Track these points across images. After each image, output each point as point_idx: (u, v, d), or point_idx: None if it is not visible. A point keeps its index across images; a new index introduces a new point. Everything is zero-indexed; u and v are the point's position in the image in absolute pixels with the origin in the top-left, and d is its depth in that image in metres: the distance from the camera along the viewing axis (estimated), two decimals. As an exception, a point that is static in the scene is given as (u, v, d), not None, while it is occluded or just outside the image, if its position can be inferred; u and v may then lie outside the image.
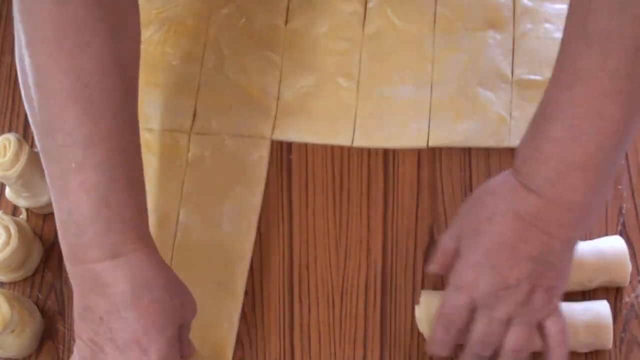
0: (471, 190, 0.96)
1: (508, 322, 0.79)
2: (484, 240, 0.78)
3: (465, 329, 0.81)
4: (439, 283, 0.92)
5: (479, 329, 0.80)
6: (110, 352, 0.76)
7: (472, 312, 0.80)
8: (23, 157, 0.88)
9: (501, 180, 0.80)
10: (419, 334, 0.90)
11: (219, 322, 0.91)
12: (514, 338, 0.80)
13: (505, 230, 0.77)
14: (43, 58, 0.76)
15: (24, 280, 0.93)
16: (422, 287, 0.92)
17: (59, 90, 0.75)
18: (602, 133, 0.74)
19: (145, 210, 0.80)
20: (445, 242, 0.83)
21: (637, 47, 0.72)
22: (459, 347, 0.89)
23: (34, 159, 0.89)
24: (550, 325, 0.80)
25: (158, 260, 0.79)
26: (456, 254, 0.81)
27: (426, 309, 0.87)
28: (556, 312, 0.81)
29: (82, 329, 0.78)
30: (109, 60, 0.77)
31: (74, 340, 0.90)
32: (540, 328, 0.80)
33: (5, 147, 0.88)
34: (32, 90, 0.77)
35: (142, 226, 0.79)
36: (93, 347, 0.77)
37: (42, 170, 0.90)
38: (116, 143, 0.77)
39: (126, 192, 0.77)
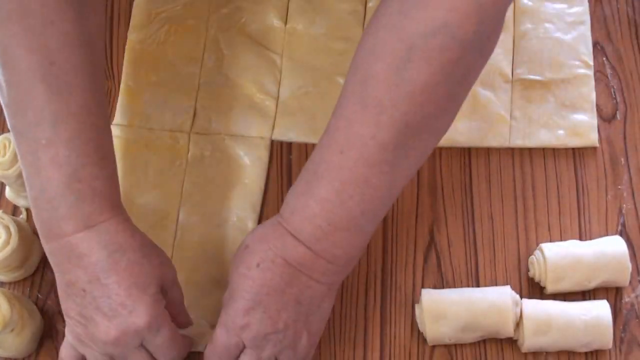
0: (471, 190, 0.96)
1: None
2: (254, 284, 0.79)
3: None
4: (439, 282, 0.92)
5: None
6: (99, 320, 0.77)
7: (240, 351, 0.81)
8: (23, 157, 0.88)
9: (271, 229, 0.81)
10: (419, 334, 0.90)
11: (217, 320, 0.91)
12: None
13: (274, 275, 0.79)
14: (8, 38, 0.77)
15: (24, 279, 0.93)
16: (422, 287, 0.91)
17: (26, 69, 0.76)
18: (367, 199, 0.78)
19: (117, 182, 0.82)
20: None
21: (406, 122, 0.75)
22: (458, 347, 0.89)
23: (33, 158, 0.89)
24: None
25: (131, 226, 0.80)
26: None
27: (426, 308, 0.87)
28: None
29: (69, 307, 0.79)
30: (74, 37, 0.78)
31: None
32: None
33: (4, 147, 0.88)
34: (0, 71, 0.78)
35: (114, 197, 0.80)
36: (82, 321, 0.78)
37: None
38: (85, 118, 0.78)
39: (97, 166, 0.78)
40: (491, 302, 0.87)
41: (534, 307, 0.87)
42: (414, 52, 0.73)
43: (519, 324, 0.87)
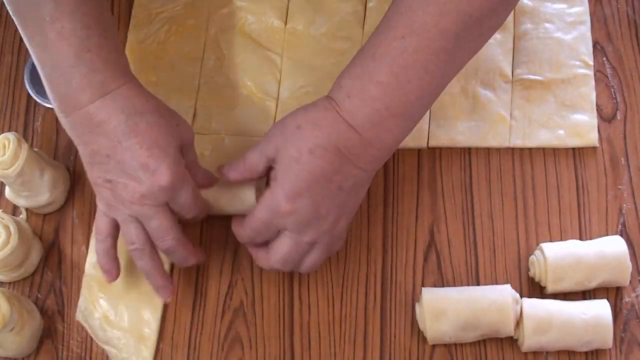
0: (471, 190, 0.96)
1: (312, 245, 0.84)
2: (304, 170, 0.80)
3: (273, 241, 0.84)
4: (439, 282, 0.92)
5: (285, 249, 0.84)
6: (125, 182, 0.81)
7: (278, 231, 0.83)
8: (22, 156, 0.88)
9: (323, 113, 0.81)
10: (419, 334, 0.90)
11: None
12: (312, 260, 0.85)
13: (325, 163, 0.80)
14: None
15: (24, 279, 0.93)
16: (422, 286, 0.91)
17: None
18: (424, 85, 0.80)
19: (124, 53, 0.85)
20: (255, 162, 0.84)
21: (470, 13, 0.77)
22: (458, 347, 0.89)
23: (33, 157, 0.89)
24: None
25: (144, 91, 0.84)
26: (265, 172, 0.84)
27: (427, 306, 0.87)
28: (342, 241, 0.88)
29: (95, 175, 0.82)
30: None
31: (73, 340, 0.90)
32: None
33: (4, 146, 0.88)
34: None
35: (124, 65, 0.84)
36: (109, 185, 0.81)
37: (41, 170, 0.91)
38: None
39: (102, 36, 0.82)
40: (491, 300, 0.87)
41: (534, 306, 0.87)
42: None
43: (519, 323, 0.87)
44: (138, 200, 0.81)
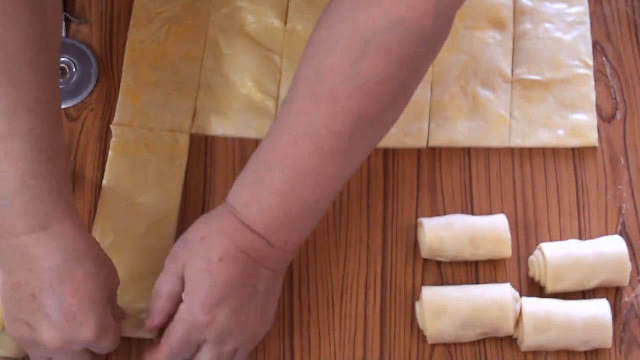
0: (471, 190, 0.96)
1: (234, 353, 0.82)
2: (217, 280, 0.79)
3: None
4: (439, 282, 0.92)
5: None
6: (46, 328, 0.76)
7: (199, 346, 0.81)
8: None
9: (225, 221, 0.80)
10: (419, 334, 0.90)
11: None
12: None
13: (237, 269, 0.79)
14: None
15: (24, 280, 0.93)
16: (422, 286, 0.91)
17: None
18: (322, 188, 0.79)
19: (70, 183, 0.81)
20: (170, 288, 0.81)
21: (361, 114, 0.77)
22: (458, 347, 0.89)
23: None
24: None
25: (86, 233, 0.80)
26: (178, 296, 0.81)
27: (427, 303, 0.87)
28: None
29: (12, 312, 0.78)
30: (33, 31, 0.77)
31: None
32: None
33: None
34: None
35: (69, 198, 0.79)
36: (27, 327, 0.77)
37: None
38: (41, 112, 0.77)
39: (52, 162, 0.77)
40: (492, 298, 0.87)
41: (533, 305, 0.87)
42: (370, 47, 0.75)
43: (518, 322, 0.87)
44: (57, 348, 0.77)
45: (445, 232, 0.90)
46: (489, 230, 0.90)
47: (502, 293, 0.87)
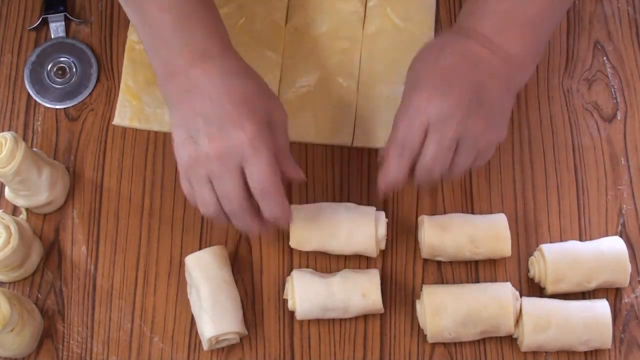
0: (471, 190, 0.96)
1: (456, 141, 0.82)
2: (436, 66, 0.82)
3: (418, 153, 0.83)
4: (439, 282, 0.92)
5: (431, 149, 0.82)
6: (208, 133, 0.80)
7: (424, 134, 0.82)
8: (19, 155, 0.88)
9: (446, 36, 0.85)
10: (419, 334, 0.90)
11: None
12: (460, 163, 0.83)
13: (456, 59, 0.82)
14: None
15: (24, 279, 0.93)
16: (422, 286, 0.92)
17: None
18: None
19: (224, 26, 0.86)
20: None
21: None
22: (457, 346, 0.89)
23: (30, 156, 0.89)
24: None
25: (244, 61, 0.85)
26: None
27: (427, 301, 0.87)
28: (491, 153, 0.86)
29: (180, 135, 0.82)
30: None
31: (73, 340, 0.90)
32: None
33: (1, 145, 0.88)
34: None
35: (225, 39, 0.85)
36: (192, 141, 0.81)
37: (39, 168, 0.91)
38: None
39: (203, 8, 0.83)
40: (492, 296, 0.87)
41: (533, 305, 0.87)
42: None
43: (518, 321, 0.87)
44: (216, 153, 0.80)
45: (445, 231, 0.90)
46: (488, 229, 0.90)
47: (502, 290, 0.87)
